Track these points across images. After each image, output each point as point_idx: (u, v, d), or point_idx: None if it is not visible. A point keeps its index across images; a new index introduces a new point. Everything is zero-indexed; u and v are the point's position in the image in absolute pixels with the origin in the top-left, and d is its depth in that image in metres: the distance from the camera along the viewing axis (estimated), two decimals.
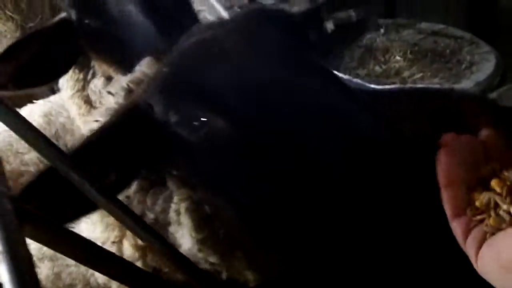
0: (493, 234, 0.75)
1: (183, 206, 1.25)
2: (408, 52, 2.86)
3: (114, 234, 1.35)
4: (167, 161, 1.24)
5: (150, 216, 1.30)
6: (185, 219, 1.24)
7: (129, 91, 1.40)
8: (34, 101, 2.24)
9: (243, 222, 1.19)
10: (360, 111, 1.15)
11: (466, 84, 2.60)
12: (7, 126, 0.89)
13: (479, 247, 0.74)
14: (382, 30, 3.17)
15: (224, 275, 1.25)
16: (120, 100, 1.40)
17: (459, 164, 0.82)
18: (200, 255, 1.25)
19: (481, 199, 0.78)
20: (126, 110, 1.24)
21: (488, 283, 0.74)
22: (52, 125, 2.15)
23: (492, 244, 0.73)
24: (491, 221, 0.75)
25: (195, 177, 1.23)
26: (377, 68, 2.75)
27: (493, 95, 2.37)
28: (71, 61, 1.85)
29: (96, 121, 1.32)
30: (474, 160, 0.83)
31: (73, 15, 1.75)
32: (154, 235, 1.13)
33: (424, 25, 3.23)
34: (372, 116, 1.19)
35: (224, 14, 2.39)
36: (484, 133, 0.86)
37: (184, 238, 1.26)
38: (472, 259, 0.75)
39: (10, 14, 3.03)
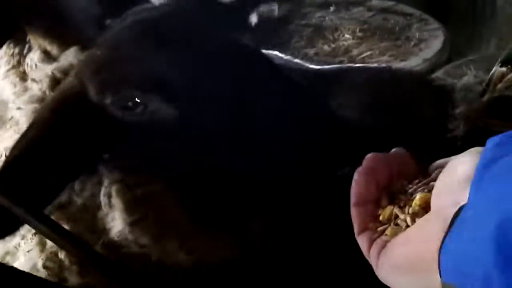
0: None
1: (114, 189, 1.23)
2: (357, 30, 2.83)
3: None
4: (102, 145, 1.22)
5: (78, 201, 1.28)
6: (117, 201, 1.23)
7: (54, 79, 1.36)
8: None
9: (178, 203, 1.19)
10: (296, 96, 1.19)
11: (414, 61, 2.58)
12: None
13: (379, 256, 0.78)
14: (331, 8, 3.13)
15: (154, 257, 1.24)
16: (45, 88, 1.35)
17: (372, 182, 0.87)
18: (130, 237, 1.23)
19: (384, 212, 0.83)
20: (58, 101, 1.21)
21: None
22: None
23: (386, 250, 0.76)
24: (388, 231, 0.79)
25: (130, 159, 1.23)
26: (325, 47, 2.71)
27: (440, 72, 2.35)
28: (5, 36, 1.75)
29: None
30: (388, 178, 0.87)
31: None
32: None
33: (374, 2, 3.19)
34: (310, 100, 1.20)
35: None
36: (397, 151, 0.91)
37: (115, 220, 1.25)
38: (374, 268, 0.78)
39: None
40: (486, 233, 0.62)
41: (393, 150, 0.91)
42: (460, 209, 0.71)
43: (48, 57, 1.59)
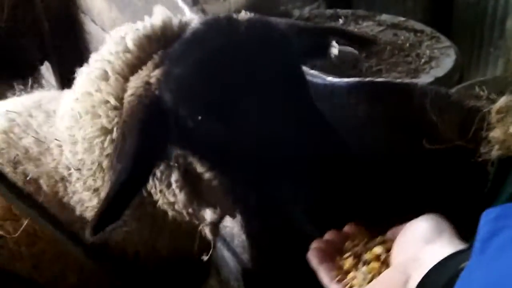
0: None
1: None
2: None
3: None
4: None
5: None
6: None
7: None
8: None
9: None
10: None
11: (425, 79, 2.52)
12: None
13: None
14: (340, 21, 3.07)
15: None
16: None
17: (329, 247, 1.17)
18: None
19: (346, 262, 1.10)
20: (142, 108, 1.38)
21: None
22: (12, 147, 1.83)
23: None
24: (355, 281, 1.04)
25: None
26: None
27: (452, 91, 2.30)
28: None
29: None
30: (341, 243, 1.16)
31: None
32: None
33: (384, 17, 3.14)
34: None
35: (188, 13, 2.25)
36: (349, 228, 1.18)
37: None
38: None
39: None
40: None
41: (347, 226, 1.17)
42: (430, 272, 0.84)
43: None
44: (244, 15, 1.50)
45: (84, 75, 1.63)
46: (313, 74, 1.68)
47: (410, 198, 1.32)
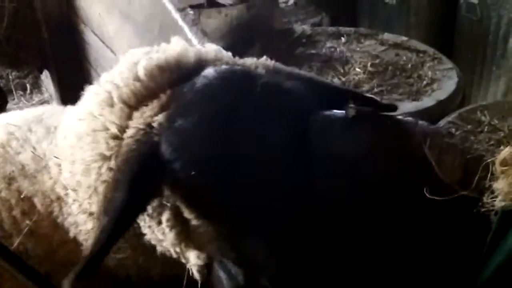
0: None
1: None
2: (369, 64, 2.74)
3: None
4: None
5: None
6: None
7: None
8: None
9: None
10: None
11: (426, 101, 2.49)
12: None
13: None
14: (343, 39, 3.05)
15: None
16: None
17: None
18: None
19: None
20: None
21: None
22: (8, 162, 1.79)
23: None
24: None
25: None
26: (335, 80, 2.62)
27: (454, 115, 2.27)
28: None
29: None
30: None
31: None
32: None
33: (387, 36, 3.12)
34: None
35: (194, 41, 2.23)
36: None
37: None
38: None
39: None
40: None
41: None
42: None
43: None
44: (263, 65, 1.51)
45: (92, 95, 1.59)
46: None
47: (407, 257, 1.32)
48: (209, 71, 1.42)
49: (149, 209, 1.48)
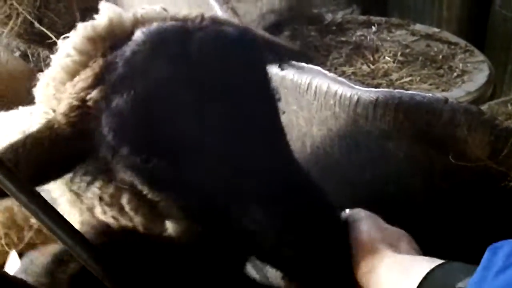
0: None
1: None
2: (399, 53, 2.71)
3: None
4: None
5: None
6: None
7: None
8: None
9: None
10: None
11: (456, 93, 2.46)
12: None
13: None
14: (373, 28, 3.02)
15: None
16: None
17: None
18: None
19: None
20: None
21: None
22: None
23: None
24: None
25: None
26: (364, 67, 2.60)
27: (483, 107, 2.23)
28: None
29: None
30: None
31: None
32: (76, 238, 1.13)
33: (418, 27, 3.08)
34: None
35: (220, 12, 2.21)
36: None
37: None
38: None
39: None
40: None
41: None
42: None
43: None
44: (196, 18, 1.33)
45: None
46: (340, 81, 1.63)
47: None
48: (138, 35, 1.25)
49: (105, 196, 1.36)
